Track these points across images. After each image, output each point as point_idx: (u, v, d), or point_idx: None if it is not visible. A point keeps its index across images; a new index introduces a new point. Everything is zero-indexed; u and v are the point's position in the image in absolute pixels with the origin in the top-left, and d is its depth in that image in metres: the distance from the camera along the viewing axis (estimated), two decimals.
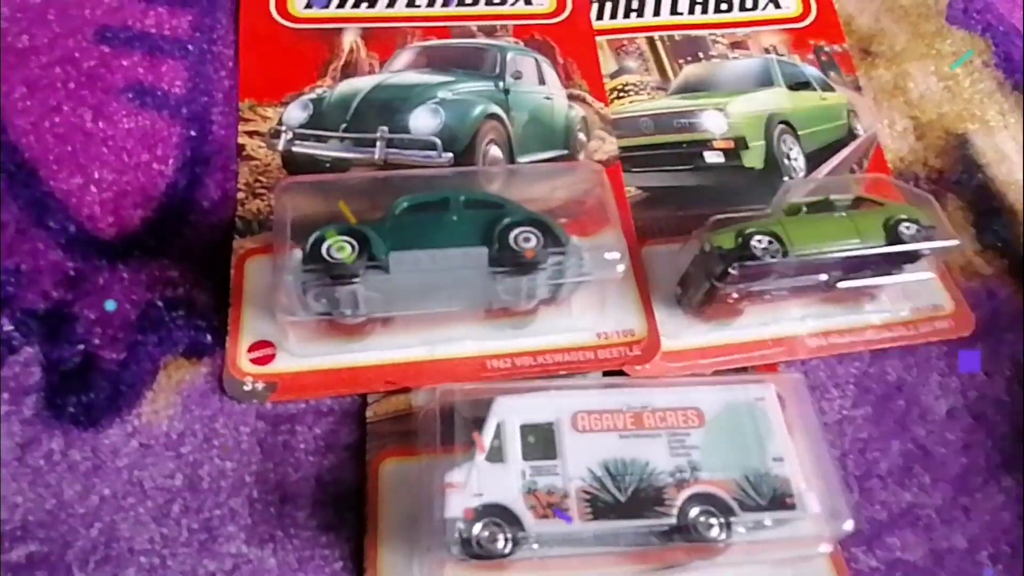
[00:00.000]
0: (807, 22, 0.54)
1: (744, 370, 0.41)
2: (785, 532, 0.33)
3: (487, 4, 0.51)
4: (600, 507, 0.32)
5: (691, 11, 0.53)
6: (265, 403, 0.38)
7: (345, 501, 0.36)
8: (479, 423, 0.33)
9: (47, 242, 0.41)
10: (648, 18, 0.52)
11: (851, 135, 0.51)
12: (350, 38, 0.49)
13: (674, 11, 0.53)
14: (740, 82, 0.51)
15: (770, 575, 0.34)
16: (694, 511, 0.32)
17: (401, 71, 0.48)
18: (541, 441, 0.33)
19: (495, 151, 0.46)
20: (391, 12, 0.50)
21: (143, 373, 0.38)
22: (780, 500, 0.33)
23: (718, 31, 0.53)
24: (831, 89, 0.52)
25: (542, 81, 0.49)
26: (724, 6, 0.54)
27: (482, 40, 0.50)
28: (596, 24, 0.52)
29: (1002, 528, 0.38)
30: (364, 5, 0.50)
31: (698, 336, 0.42)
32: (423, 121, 0.45)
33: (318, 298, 0.36)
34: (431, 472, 0.32)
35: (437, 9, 0.51)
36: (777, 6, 0.54)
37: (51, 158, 0.43)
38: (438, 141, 0.45)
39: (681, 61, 0.51)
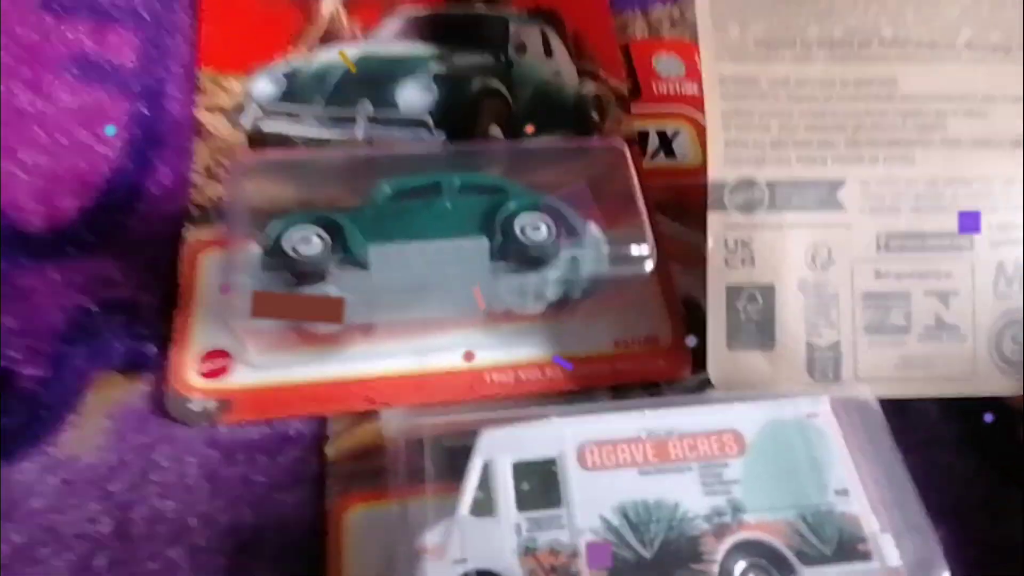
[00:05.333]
0: None
1: None
2: None
3: None
4: (620, 567, 0.23)
5: None
6: (217, 426, 0.30)
7: (317, 548, 0.28)
8: (457, 455, 0.25)
9: None
10: None
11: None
12: (330, 5, 0.40)
13: None
14: None
15: None
16: (740, 566, 0.24)
17: (389, 41, 0.40)
18: (540, 484, 0.25)
19: (496, 132, 0.38)
20: None
21: (67, 393, 0.30)
22: (849, 547, 0.25)
23: None
24: None
25: (549, 54, 0.41)
26: None
27: (481, 8, 0.42)
28: None
29: None
30: None
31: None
32: (413, 97, 0.37)
33: None
34: (400, 527, 0.24)
35: None
36: None
37: None
38: (430, 120, 0.37)
39: None
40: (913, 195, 0.29)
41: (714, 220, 0.30)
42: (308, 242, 0.27)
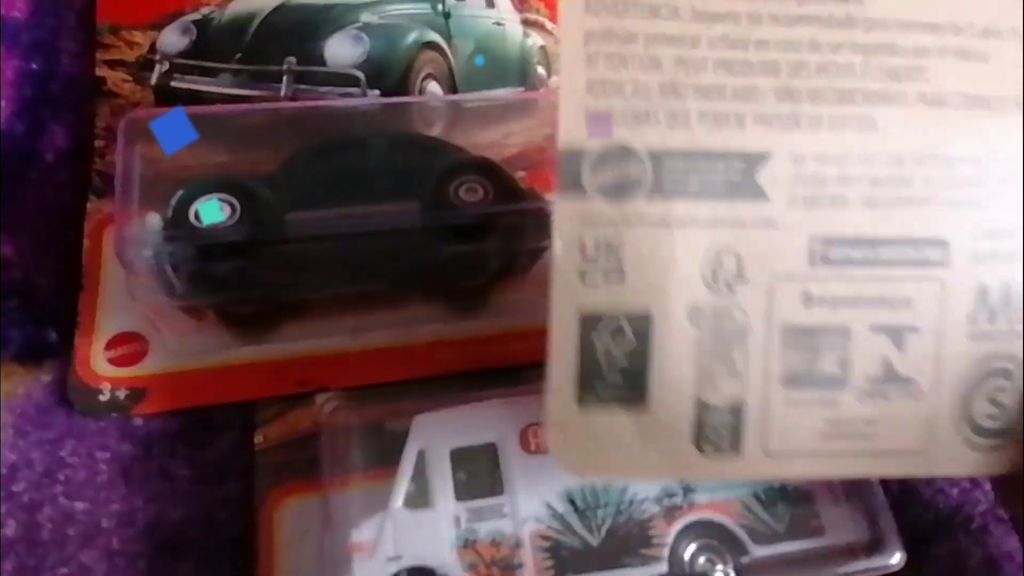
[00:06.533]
0: None
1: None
2: (808, 570, 0.24)
3: None
4: (565, 556, 0.22)
5: None
6: (131, 417, 0.27)
7: (247, 546, 0.26)
8: (391, 441, 0.23)
9: None
10: None
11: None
12: None
13: None
14: None
15: None
16: (690, 550, 0.23)
17: None
18: (480, 472, 0.23)
19: (434, 88, 0.35)
20: None
21: None
22: (803, 523, 0.24)
23: None
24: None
25: (490, 3, 0.38)
26: None
27: None
28: None
29: None
30: None
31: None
32: (343, 50, 0.34)
33: (194, 280, 0.25)
34: (328, 522, 0.22)
35: None
36: None
37: None
38: (361, 76, 0.33)
39: None
40: (868, 180, 0.19)
41: (564, 210, 0.18)
42: (216, 211, 0.24)
